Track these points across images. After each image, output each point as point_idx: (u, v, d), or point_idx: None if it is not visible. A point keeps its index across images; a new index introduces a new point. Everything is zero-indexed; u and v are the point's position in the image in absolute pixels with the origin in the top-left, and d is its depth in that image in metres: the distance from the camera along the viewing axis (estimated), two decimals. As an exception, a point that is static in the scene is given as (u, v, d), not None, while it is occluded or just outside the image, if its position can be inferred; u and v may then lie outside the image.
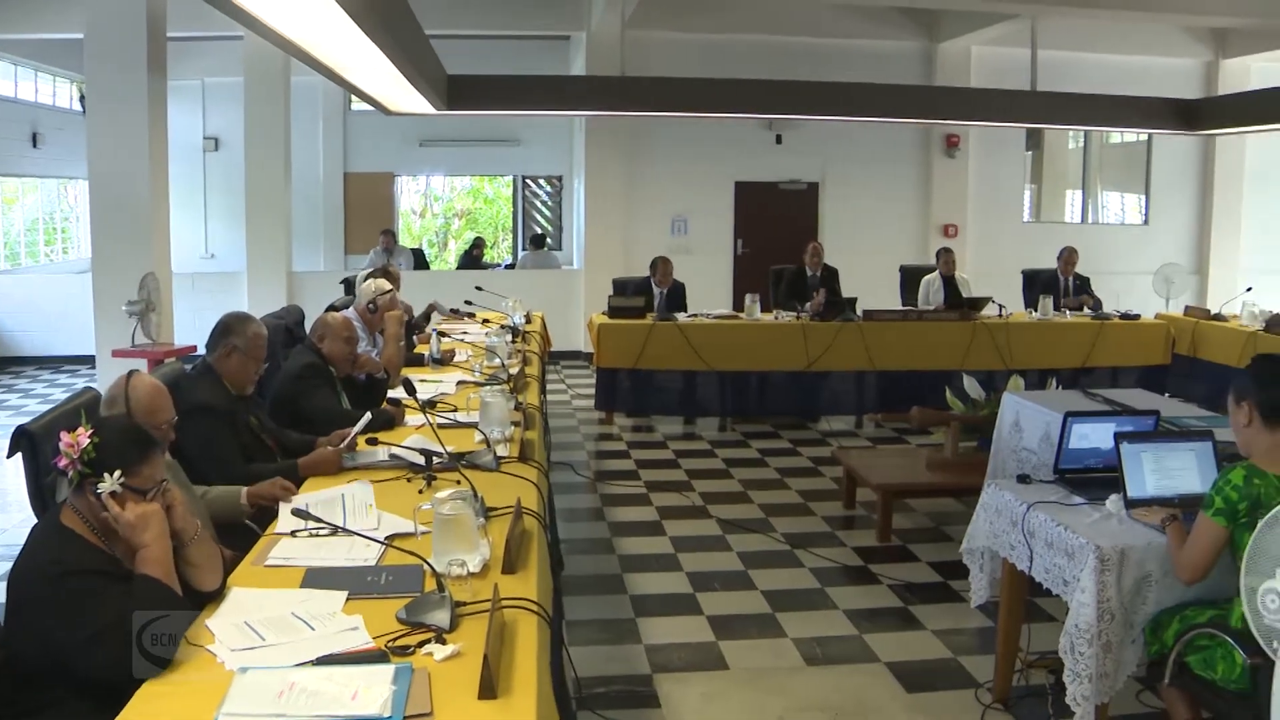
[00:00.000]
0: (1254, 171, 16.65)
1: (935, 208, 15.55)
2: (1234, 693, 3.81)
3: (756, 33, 14.18)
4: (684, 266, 12.25)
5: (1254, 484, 3.84)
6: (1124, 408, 5.75)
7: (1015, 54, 13.16)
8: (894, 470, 7.90)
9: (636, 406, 11.03)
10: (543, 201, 17.90)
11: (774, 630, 5.92)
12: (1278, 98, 12.40)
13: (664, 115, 13.17)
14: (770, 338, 10.77)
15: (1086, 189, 17.39)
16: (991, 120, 13.30)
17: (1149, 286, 13.33)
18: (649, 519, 7.90)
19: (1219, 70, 15.99)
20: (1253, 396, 4.00)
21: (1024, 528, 4.61)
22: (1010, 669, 5.06)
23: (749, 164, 15.14)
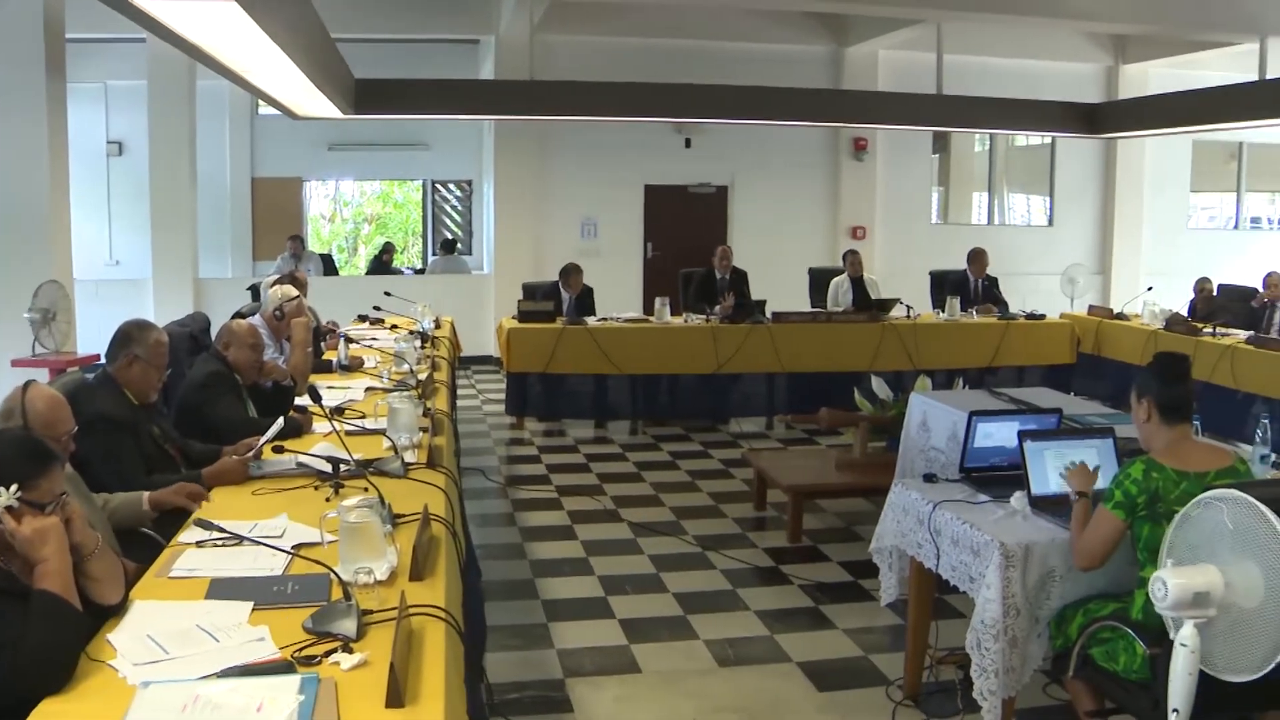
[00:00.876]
0: (1154, 174, 17.01)
1: (844, 210, 15.67)
2: (1135, 682, 3.89)
3: (665, 37, 14.21)
4: (594, 270, 12.24)
5: (1152, 478, 3.93)
6: (1028, 406, 5.83)
7: (922, 58, 13.32)
8: (804, 471, 7.94)
9: (547, 410, 11.00)
10: (453, 206, 17.78)
11: (686, 632, 5.92)
12: (1175, 102, 12.69)
13: (573, 119, 13.19)
14: (680, 340, 10.80)
15: (993, 191, 17.61)
16: (899, 124, 13.46)
17: (1054, 287, 13.54)
18: (560, 523, 7.87)
19: (1119, 75, 16.33)
20: (1153, 393, 4.10)
21: (930, 526, 4.66)
22: (920, 666, 5.11)
23: (658, 167, 15.16)
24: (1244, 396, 9.91)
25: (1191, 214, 18.30)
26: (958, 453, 5.28)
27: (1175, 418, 4.09)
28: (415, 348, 7.85)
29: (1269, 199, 19.22)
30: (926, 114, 12.88)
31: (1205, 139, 17.19)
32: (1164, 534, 3.81)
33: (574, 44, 13.95)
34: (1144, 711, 3.84)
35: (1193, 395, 4.19)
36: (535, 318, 10.74)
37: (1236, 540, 3.13)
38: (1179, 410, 4.10)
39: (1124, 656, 3.92)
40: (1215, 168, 18.26)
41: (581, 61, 13.70)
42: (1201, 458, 4.06)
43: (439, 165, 17.13)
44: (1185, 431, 4.13)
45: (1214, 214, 18.92)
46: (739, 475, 9.15)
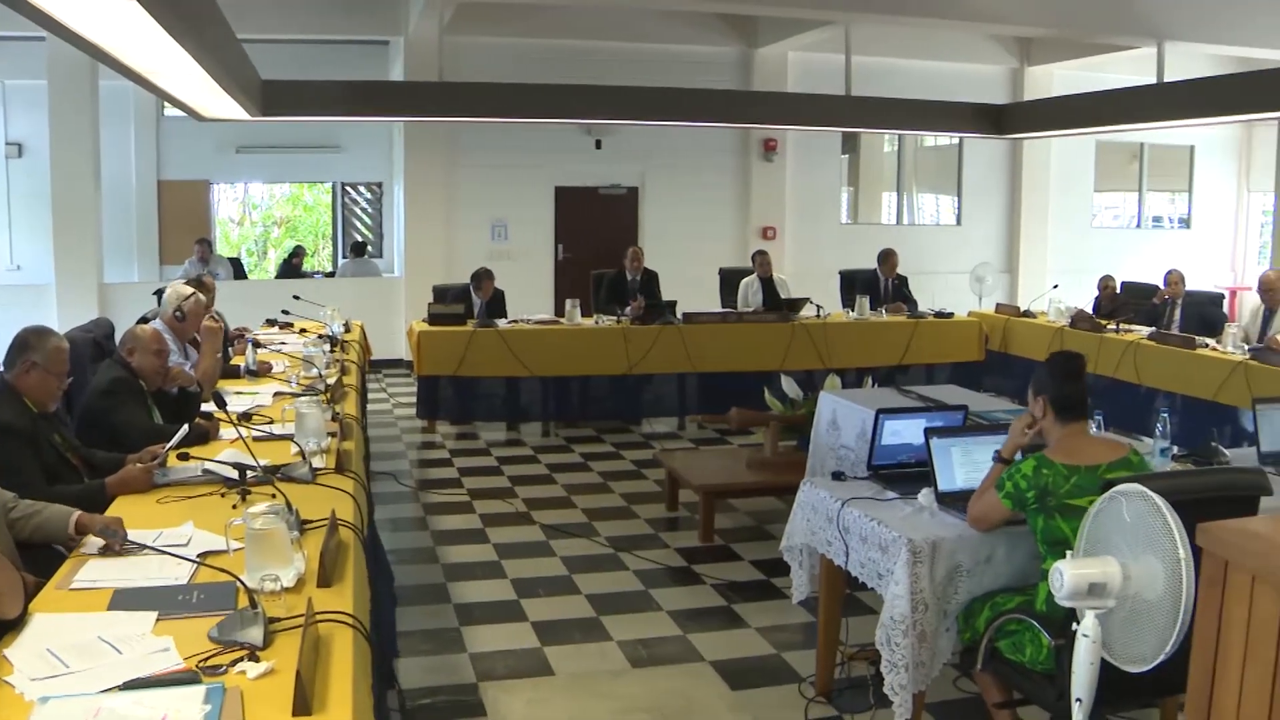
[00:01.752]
0: (1059, 174, 17.29)
1: (754, 211, 15.74)
2: (1040, 673, 3.97)
3: (576, 38, 14.19)
4: (505, 272, 12.20)
5: (1042, 474, 4.04)
6: (935, 404, 5.90)
7: (831, 60, 13.40)
8: (715, 471, 7.98)
9: (459, 414, 10.93)
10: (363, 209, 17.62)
11: (599, 634, 5.93)
12: (1078, 104, 12.92)
13: (483, 120, 13.11)
14: (591, 342, 10.79)
15: (902, 191, 17.80)
16: (808, 124, 13.53)
17: (963, 285, 13.74)
18: (472, 526, 7.84)
19: (1024, 77, 16.56)
20: (1048, 392, 4.21)
21: (839, 524, 4.70)
22: (831, 662, 5.15)
23: (569, 169, 15.14)
24: (1147, 391, 10.10)
25: (1096, 213, 18.62)
26: (867, 450, 5.33)
27: (1070, 415, 4.19)
28: (324, 352, 7.79)
29: (1169, 198, 19.59)
30: (836, 115, 12.97)
31: (1108, 140, 17.51)
32: (1059, 527, 3.92)
33: (484, 45, 13.88)
34: (1050, 701, 3.91)
35: (1087, 392, 4.28)
36: (446, 320, 10.67)
37: (1135, 532, 3.18)
38: (1073, 408, 4.20)
39: (1030, 648, 3.99)
40: (1118, 168, 18.60)
41: (491, 63, 13.66)
42: (1095, 451, 4.15)
43: (349, 168, 16.96)
44: (1080, 428, 4.23)
45: (1118, 213, 19.26)
46: (651, 476, 9.17)
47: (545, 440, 10.65)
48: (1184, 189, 19.20)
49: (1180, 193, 19.31)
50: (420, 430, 10.90)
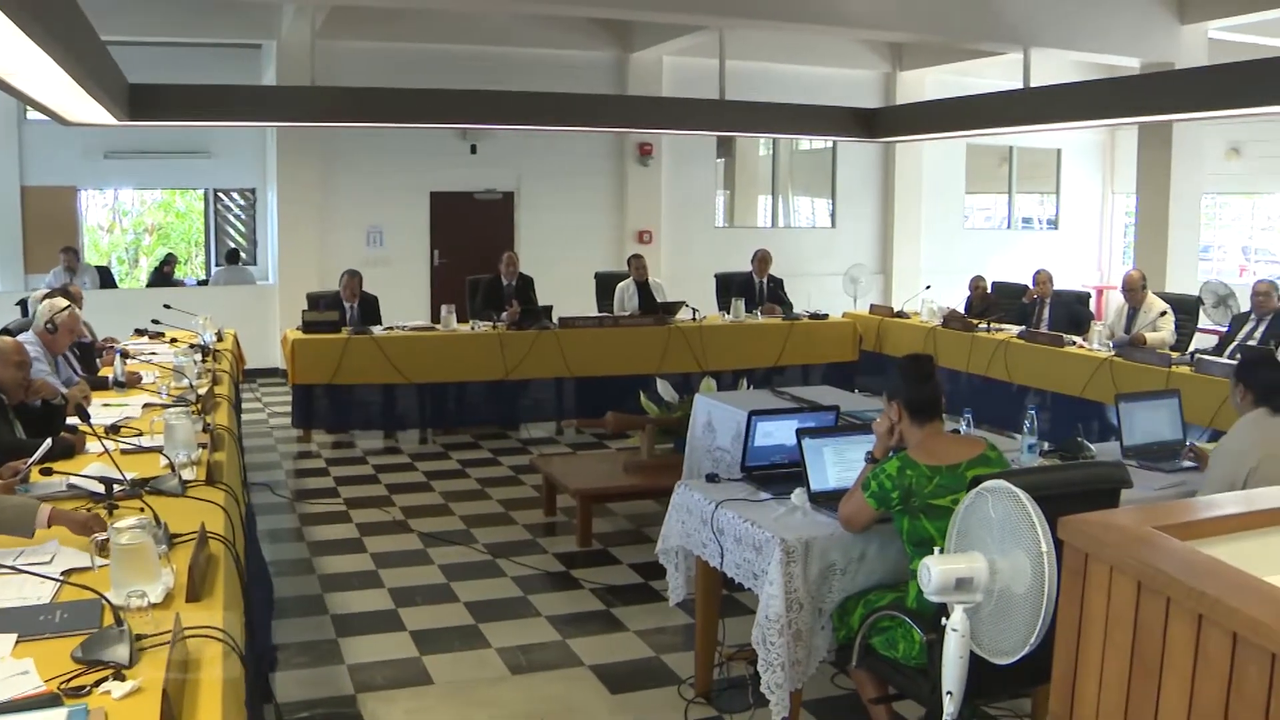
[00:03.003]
0: (931, 176, 17.60)
1: (630, 215, 15.78)
2: (914, 668, 4.03)
3: (451, 42, 14.09)
4: (381, 278, 12.12)
5: (906, 474, 4.11)
6: (808, 404, 5.97)
7: (706, 64, 13.48)
8: (592, 475, 7.99)
9: (335, 422, 10.79)
10: (236, 215, 17.32)
11: (478, 641, 5.90)
12: (949, 108, 13.16)
13: (357, 125, 12.95)
14: (468, 348, 10.73)
15: (777, 194, 17.93)
16: (683, 128, 13.59)
17: (838, 287, 13.89)
18: (349, 536, 7.76)
19: (896, 81, 16.82)
20: (901, 395, 4.28)
21: (713, 525, 4.73)
22: (710, 663, 5.19)
23: (444, 174, 15.03)
24: (1017, 389, 10.32)
25: (968, 214, 18.98)
26: (741, 452, 5.37)
27: (924, 416, 4.27)
28: (195, 362, 7.64)
29: (1038, 200, 20.04)
30: (710, 119, 13.06)
31: (978, 143, 17.87)
32: (923, 527, 3.99)
33: (358, 49, 13.73)
34: (924, 695, 3.97)
35: (940, 392, 4.36)
36: (320, 328, 10.53)
37: (1001, 528, 3.25)
38: (926, 409, 4.27)
39: (903, 644, 4.05)
40: (988, 170, 18.99)
41: (365, 67, 13.52)
42: (954, 450, 4.24)
43: (221, 174, 16.63)
44: (937, 428, 4.31)
45: (989, 214, 19.65)
46: (529, 481, 9.15)
47: (422, 448, 10.57)
48: (1052, 191, 19.68)
49: (1049, 195, 19.78)
50: (296, 440, 10.75)
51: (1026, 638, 3.19)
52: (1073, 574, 2.84)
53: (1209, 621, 2.38)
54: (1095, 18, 12.64)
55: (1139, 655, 2.59)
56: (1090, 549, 2.79)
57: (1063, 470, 4.54)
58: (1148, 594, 2.57)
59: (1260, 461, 4.93)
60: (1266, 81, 9.20)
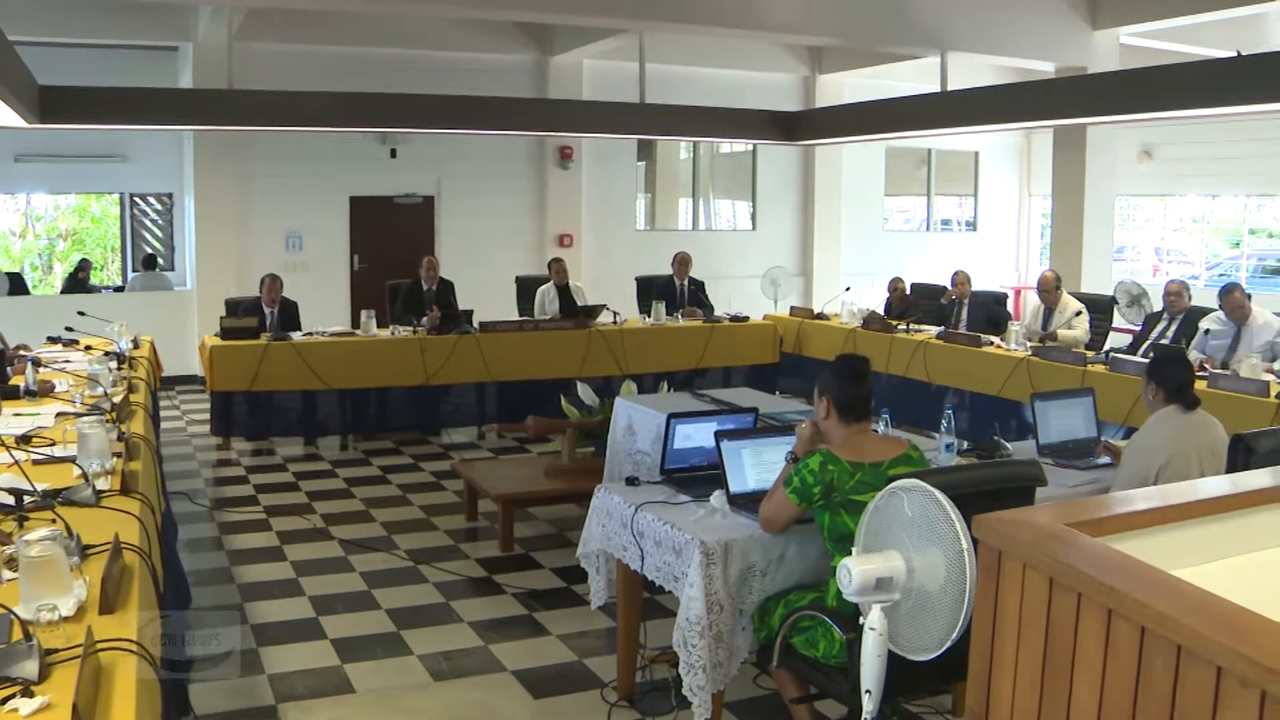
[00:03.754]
0: (851, 179, 17.74)
1: (551, 218, 15.76)
2: (834, 667, 4.06)
3: (370, 45, 13.99)
4: (300, 284, 12.02)
5: (828, 470, 4.13)
6: (727, 406, 6.00)
7: (626, 67, 13.49)
8: (514, 480, 7.97)
9: (255, 430, 10.67)
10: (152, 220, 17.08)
11: (399, 649, 5.86)
12: (867, 111, 13.28)
13: (275, 129, 12.82)
14: (388, 353, 10.65)
15: (698, 197, 18.00)
16: (603, 132, 13.63)
17: (759, 289, 13.95)
18: (269, 544, 7.67)
19: (816, 85, 16.93)
20: (831, 392, 4.30)
21: (633, 528, 4.74)
22: (632, 666, 5.19)
23: (364, 178, 14.91)
24: (937, 389, 10.43)
25: (887, 217, 19.17)
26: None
27: (852, 415, 4.31)
28: (111, 369, 7.54)
29: (957, 202, 20.27)
30: (630, 122, 13.09)
31: (897, 146, 18.06)
32: (844, 522, 4.03)
33: (276, 52, 13.59)
34: (844, 694, 4.01)
35: (871, 394, 4.40)
36: (239, 334, 10.41)
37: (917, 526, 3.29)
38: (856, 408, 4.31)
39: (823, 643, 4.08)
40: (907, 173, 19.18)
41: (284, 70, 13.36)
42: (877, 449, 4.28)
43: (137, 178, 16.36)
44: (863, 427, 4.35)
45: (908, 216, 19.86)
46: (450, 487, 9.11)
47: (343, 454, 10.49)
48: (970, 193, 19.92)
49: (967, 197, 20.01)
50: (215, 448, 10.60)
51: (944, 635, 3.23)
52: (987, 572, 2.87)
53: (1118, 616, 2.41)
54: (1010, 23, 12.84)
55: (1052, 650, 2.62)
56: (1003, 547, 2.82)
57: (978, 469, 4.60)
58: (1059, 590, 2.61)
59: (1171, 458, 5.04)
60: (1176, 86, 9.39)
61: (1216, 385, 8.06)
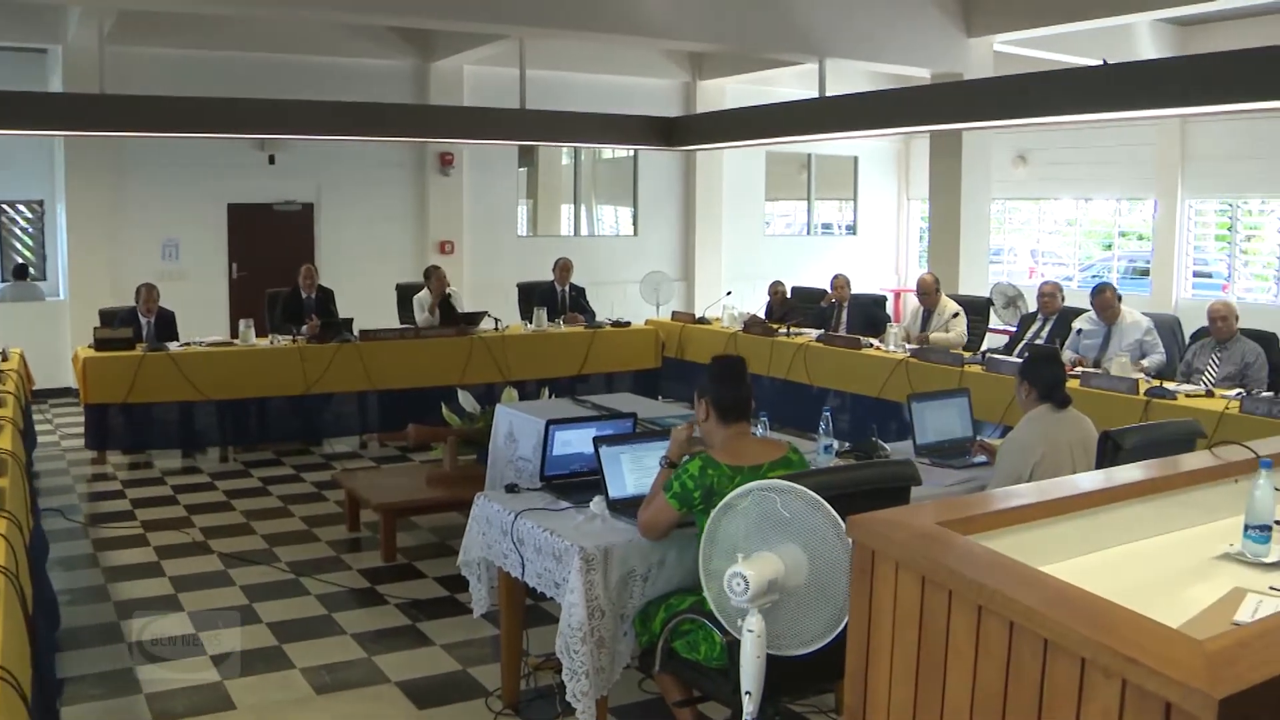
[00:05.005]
0: (732, 184, 17.89)
1: (432, 225, 15.67)
2: (716, 669, 4.08)
3: (248, 50, 13.82)
4: (177, 293, 11.79)
5: (708, 474, 4.16)
6: (606, 412, 6.01)
7: (507, 73, 13.43)
8: (395, 489, 7.89)
9: (131, 443, 10.43)
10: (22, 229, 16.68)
11: (281, 662, 5.78)
12: (748, 116, 13.40)
13: (150, 135, 12.57)
14: (267, 363, 10.50)
15: (580, 203, 18.03)
16: (484, 138, 13.59)
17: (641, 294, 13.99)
18: (147, 560, 7.50)
19: (696, 90, 17.05)
20: (710, 394, 4.34)
21: (513, 536, 4.73)
22: (516, 674, 5.19)
23: (242, 185, 14.70)
24: (818, 391, 10.53)
25: (769, 221, 19.35)
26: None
27: (732, 417, 4.34)
28: (-23, 383, 7.37)
29: (837, 206, 20.53)
30: (511, 128, 13.06)
31: (777, 151, 18.25)
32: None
33: (150, 56, 13.34)
34: (726, 696, 4.03)
35: (749, 394, 4.44)
36: (113, 345, 10.18)
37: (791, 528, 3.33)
38: (734, 410, 4.34)
39: (704, 646, 4.11)
40: (788, 178, 19.39)
41: (158, 74, 13.12)
42: (756, 452, 4.32)
43: (6, 185, 15.93)
44: (742, 429, 4.38)
45: (789, 220, 20.06)
46: (332, 497, 9.00)
47: (223, 466, 10.30)
48: (850, 197, 20.20)
49: (847, 201, 20.29)
50: (90, 462, 10.34)
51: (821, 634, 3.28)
52: (861, 571, 2.91)
53: (988, 612, 2.46)
54: (887, 30, 13.05)
55: (925, 647, 2.66)
56: (877, 546, 2.86)
57: (853, 470, 4.65)
58: (932, 588, 2.65)
59: (1044, 455, 5.15)
60: (1048, 93, 9.60)
61: (1089, 384, 8.27)
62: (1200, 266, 17.22)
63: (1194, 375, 8.56)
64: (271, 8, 11.64)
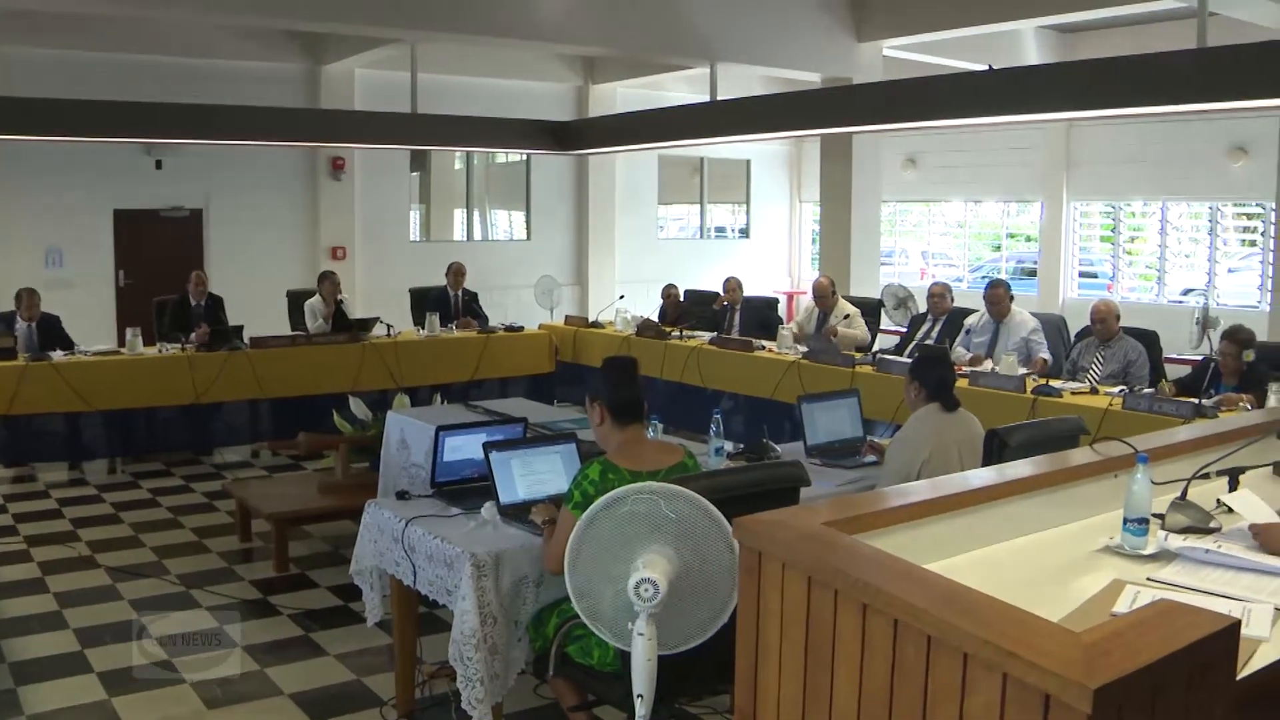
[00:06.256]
0: (625, 187, 17.96)
1: (323, 231, 15.54)
2: (609, 673, 4.08)
3: (133, 52, 13.56)
4: (63, 302, 11.54)
5: (609, 479, 4.14)
6: (497, 417, 6.00)
7: (399, 77, 13.34)
8: (287, 498, 7.79)
9: (13, 456, 10.11)
10: (-102, 236, 16.26)
11: (171, 678, 5.66)
12: (639, 120, 13.46)
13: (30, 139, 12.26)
14: (155, 372, 10.25)
15: (473, 207, 17.98)
16: (375, 142, 13.44)
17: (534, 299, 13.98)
18: (30, 576, 7.30)
19: (589, 94, 17.08)
20: (603, 397, 4.33)
21: (405, 543, 4.71)
22: (411, 682, 5.16)
23: (128, 191, 14.42)
24: (711, 393, 10.58)
25: (662, 225, 19.43)
26: (432, 468, 5.37)
27: (626, 419, 4.34)
28: None
29: (730, 210, 20.68)
30: (403, 133, 12.95)
31: (670, 154, 18.33)
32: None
33: (31, 57, 13.04)
34: (619, 700, 4.03)
35: (642, 394, 4.44)
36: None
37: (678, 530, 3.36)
38: (628, 411, 4.34)
39: (597, 651, 4.10)
40: (681, 181, 19.50)
41: (40, 76, 12.85)
42: (653, 456, 4.32)
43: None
44: (638, 432, 4.38)
45: (683, 224, 20.17)
46: (223, 508, 8.85)
47: (111, 478, 10.09)
48: (743, 201, 20.35)
49: (740, 204, 20.46)
50: (-30, 477, 10.12)
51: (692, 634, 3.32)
52: (748, 572, 2.93)
53: (872, 610, 2.49)
54: (778, 35, 13.17)
55: (813, 646, 2.69)
56: (763, 548, 2.88)
57: (741, 472, 4.68)
58: (818, 587, 2.68)
59: (932, 453, 5.23)
60: (936, 97, 9.77)
61: (978, 382, 8.40)
62: (1086, 267, 17.62)
63: (1079, 373, 8.73)
64: (157, 9, 11.42)
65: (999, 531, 3.49)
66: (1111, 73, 8.45)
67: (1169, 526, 3.52)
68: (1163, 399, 7.47)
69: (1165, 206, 16.51)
